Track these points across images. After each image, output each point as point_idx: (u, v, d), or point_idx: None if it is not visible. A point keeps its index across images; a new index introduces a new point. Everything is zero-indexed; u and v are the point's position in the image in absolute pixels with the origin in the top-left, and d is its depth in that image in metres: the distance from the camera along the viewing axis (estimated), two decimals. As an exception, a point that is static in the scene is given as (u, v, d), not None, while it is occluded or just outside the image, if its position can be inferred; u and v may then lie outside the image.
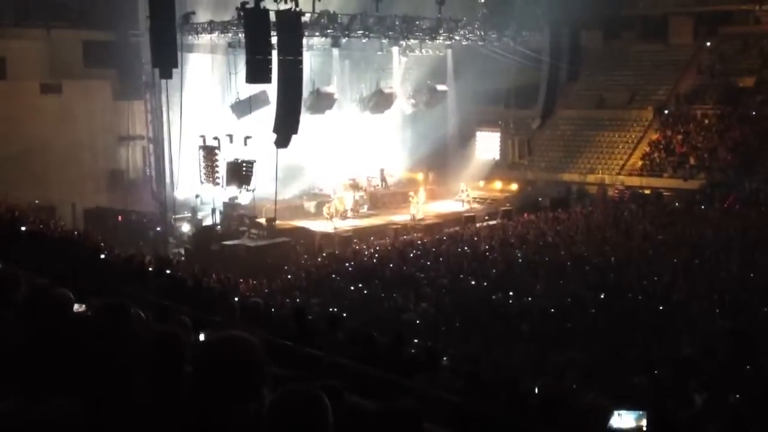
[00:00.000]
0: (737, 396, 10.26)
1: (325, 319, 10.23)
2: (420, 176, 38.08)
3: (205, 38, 31.53)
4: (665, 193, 34.33)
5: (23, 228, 11.37)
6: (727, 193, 31.30)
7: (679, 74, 39.34)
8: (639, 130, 38.86)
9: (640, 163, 37.24)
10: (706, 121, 37.44)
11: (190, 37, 31.17)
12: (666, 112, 38.65)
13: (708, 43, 39.47)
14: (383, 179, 36.79)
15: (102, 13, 29.67)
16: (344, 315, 14.49)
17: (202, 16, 30.65)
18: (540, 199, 34.23)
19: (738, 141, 35.04)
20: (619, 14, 39.74)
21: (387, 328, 12.16)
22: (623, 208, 31.70)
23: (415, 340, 12.17)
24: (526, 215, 31.08)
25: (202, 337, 5.46)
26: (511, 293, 18.64)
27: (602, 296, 17.88)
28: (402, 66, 37.14)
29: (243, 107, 30.74)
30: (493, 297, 18.44)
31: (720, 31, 39.52)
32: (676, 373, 11.85)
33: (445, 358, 9.75)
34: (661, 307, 16.77)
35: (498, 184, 39.32)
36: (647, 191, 35.09)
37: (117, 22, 30.35)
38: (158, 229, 29.79)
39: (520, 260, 22.70)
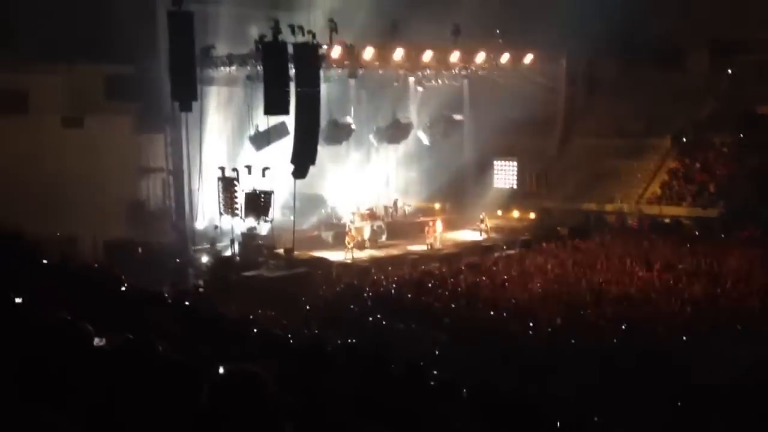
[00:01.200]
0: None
1: (344, 350, 10.20)
2: (437, 206, 38.10)
3: (223, 71, 31.87)
4: (684, 222, 34.13)
5: (45, 261, 11.46)
6: (744, 227, 31.04)
7: (697, 102, 39.25)
8: (657, 159, 38.76)
9: (659, 191, 37.09)
10: (725, 149, 37.28)
11: (209, 70, 31.53)
12: (684, 140, 38.54)
13: (729, 71, 39.39)
14: (395, 209, 36.80)
15: (123, 47, 30.05)
16: (362, 345, 14.45)
17: (221, 50, 31.01)
18: (558, 228, 34.10)
19: (757, 168, 34.82)
20: (635, 43, 39.79)
21: (405, 359, 12.12)
22: (643, 236, 31.52)
23: (434, 371, 12.11)
24: (544, 245, 30.96)
25: (221, 369, 5.47)
26: (531, 324, 18.53)
27: (623, 326, 17.74)
28: (418, 96, 37.33)
29: (261, 139, 30.99)
30: (512, 327, 18.34)
31: (736, 59, 39.47)
32: (698, 404, 11.71)
33: (464, 390, 9.69)
34: (684, 338, 16.62)
35: (516, 214, 39.25)
36: (667, 220, 34.90)
37: (137, 56, 30.74)
38: (177, 260, 29.91)
39: (539, 291, 22.58)
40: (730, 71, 39.52)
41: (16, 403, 3.17)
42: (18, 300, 5.01)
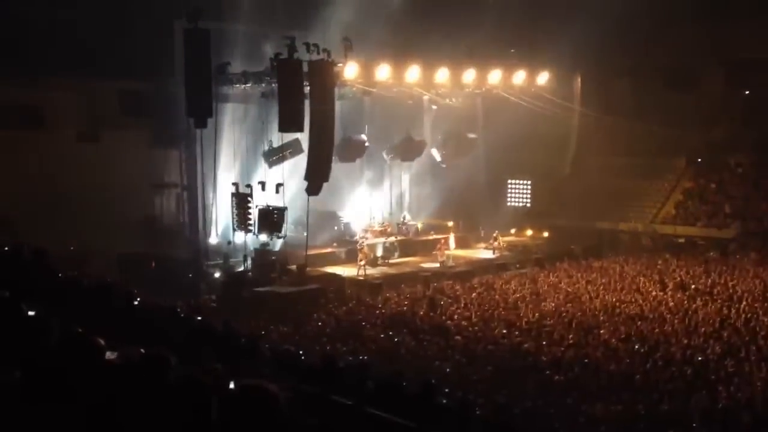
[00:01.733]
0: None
1: (355, 368, 10.17)
2: (450, 223, 38.04)
3: (238, 88, 32.05)
4: (699, 242, 33.93)
5: (59, 274, 11.50)
6: (759, 247, 30.85)
7: (712, 122, 39.11)
8: (672, 179, 38.63)
9: (673, 211, 36.91)
10: (740, 170, 37.08)
11: (224, 87, 31.71)
12: (699, 160, 38.38)
13: (747, 92, 39.24)
14: (407, 227, 36.75)
15: (138, 63, 30.32)
16: (374, 363, 14.39)
17: (237, 67, 31.18)
18: (572, 247, 33.95)
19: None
20: (649, 62, 39.74)
21: (417, 377, 12.06)
22: (657, 256, 31.34)
23: (446, 390, 12.04)
24: (557, 263, 30.84)
25: (231, 385, 5.45)
26: (544, 343, 18.42)
27: (636, 347, 17.60)
28: (432, 114, 37.37)
29: (274, 155, 31.12)
30: (525, 346, 18.23)
31: (752, 79, 39.31)
32: (714, 426, 11.58)
33: (477, 409, 9.63)
34: (700, 358, 16.46)
35: (529, 232, 39.14)
36: (681, 240, 34.70)
37: (153, 72, 30.97)
38: (190, 275, 29.96)
39: (553, 309, 22.46)
40: (746, 92, 39.36)
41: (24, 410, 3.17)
42: (30, 313, 5.02)
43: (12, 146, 28.57)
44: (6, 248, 11.84)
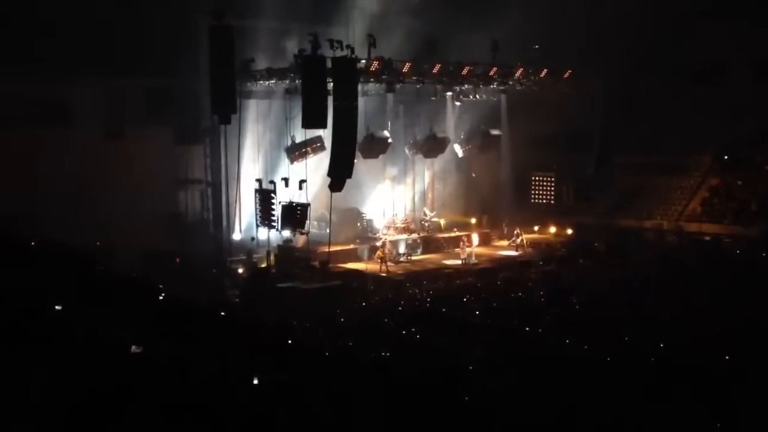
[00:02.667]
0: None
1: (377, 364, 10.21)
2: (473, 220, 37.96)
3: (262, 85, 32.21)
4: (725, 240, 33.57)
5: (86, 269, 11.64)
6: None
7: (738, 119, 38.60)
8: (698, 176, 38.25)
9: (699, 208, 36.56)
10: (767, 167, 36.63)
11: (248, 83, 31.90)
12: (726, 157, 37.96)
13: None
14: (430, 223, 36.74)
15: (164, 60, 30.57)
16: (396, 359, 14.40)
17: (260, 63, 31.34)
18: (596, 244, 33.74)
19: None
20: (675, 58, 39.34)
21: (439, 374, 12.06)
22: (682, 255, 31.06)
23: (469, 387, 12.03)
24: (581, 261, 30.66)
25: (255, 381, 5.50)
26: (567, 341, 18.31)
27: (660, 346, 17.44)
28: (456, 111, 37.32)
29: (297, 150, 31.25)
30: (548, 344, 18.14)
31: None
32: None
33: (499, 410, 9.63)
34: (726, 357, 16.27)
35: (553, 229, 38.97)
36: (707, 238, 34.37)
37: (178, 69, 31.21)
38: (214, 270, 30.19)
39: (576, 307, 22.34)
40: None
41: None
42: (58, 307, 5.10)
43: (39, 143, 28.91)
44: (33, 243, 12.00)
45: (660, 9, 36.35)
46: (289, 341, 11.55)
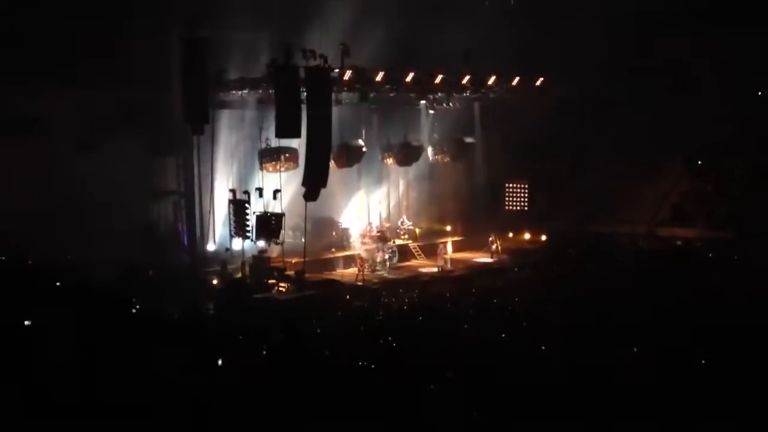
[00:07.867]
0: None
1: (353, 370, 10.20)
2: (448, 228, 38.08)
3: (235, 94, 32.11)
4: (697, 244, 33.93)
5: (57, 284, 11.55)
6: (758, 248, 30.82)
7: (710, 124, 39.02)
8: (669, 181, 38.64)
9: (671, 213, 36.93)
10: (739, 172, 37.10)
11: (221, 93, 31.77)
12: (699, 162, 38.39)
13: (745, 95, 39.22)
14: (405, 231, 36.82)
15: (136, 70, 30.30)
16: (372, 368, 14.37)
17: (233, 73, 31.24)
18: (570, 250, 33.96)
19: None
20: (648, 64, 39.69)
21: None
22: (655, 259, 31.33)
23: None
24: (555, 267, 30.84)
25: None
26: (543, 347, 18.37)
27: (635, 351, 17.56)
28: (429, 118, 37.45)
29: (269, 156, 31.11)
30: (524, 350, 18.18)
31: (753, 82, 39.28)
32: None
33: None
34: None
35: (527, 236, 39.19)
36: (679, 242, 34.73)
37: (150, 79, 30.96)
38: (188, 282, 29.96)
39: (551, 314, 22.43)
40: (745, 95, 39.34)
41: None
42: (27, 322, 5.04)
43: (11, 156, 28.56)
44: (4, 258, 11.90)
45: (633, 16, 36.76)
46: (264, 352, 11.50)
